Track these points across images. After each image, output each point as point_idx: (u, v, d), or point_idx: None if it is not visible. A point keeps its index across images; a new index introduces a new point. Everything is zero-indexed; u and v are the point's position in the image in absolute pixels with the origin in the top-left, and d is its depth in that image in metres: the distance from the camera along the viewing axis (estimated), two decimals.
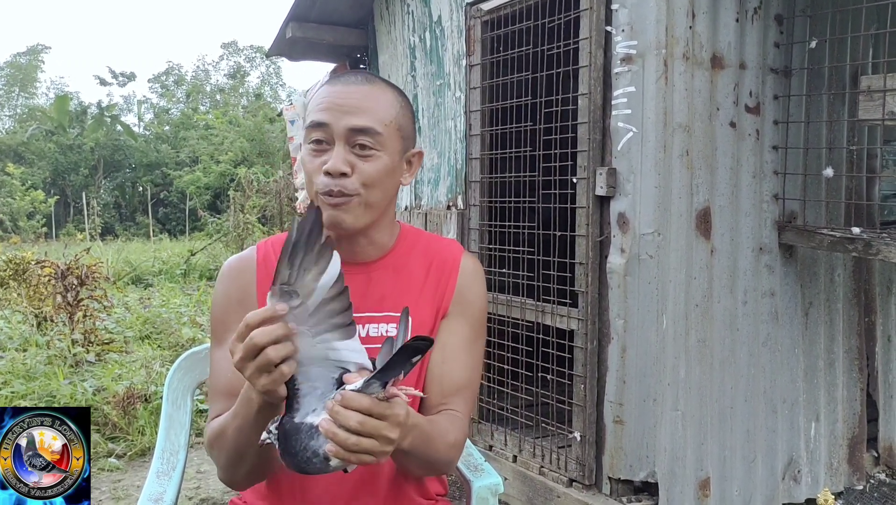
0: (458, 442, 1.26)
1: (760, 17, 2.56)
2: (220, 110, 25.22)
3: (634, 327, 2.48)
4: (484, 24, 3.12)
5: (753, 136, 2.58)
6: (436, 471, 1.29)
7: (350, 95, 1.22)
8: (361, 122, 1.21)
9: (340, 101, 1.22)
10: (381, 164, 1.23)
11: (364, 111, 1.21)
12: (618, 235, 2.50)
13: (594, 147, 2.55)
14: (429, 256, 1.35)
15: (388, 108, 1.25)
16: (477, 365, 1.36)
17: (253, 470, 1.21)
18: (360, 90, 1.23)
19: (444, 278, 1.34)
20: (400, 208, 3.89)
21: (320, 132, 1.22)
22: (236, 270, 1.35)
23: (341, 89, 1.23)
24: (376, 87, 1.26)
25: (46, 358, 4.91)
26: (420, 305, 1.31)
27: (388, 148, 1.24)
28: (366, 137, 1.21)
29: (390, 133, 1.24)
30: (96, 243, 13.22)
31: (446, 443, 1.22)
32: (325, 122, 1.21)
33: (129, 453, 3.73)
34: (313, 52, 4.53)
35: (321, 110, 1.22)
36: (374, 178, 1.22)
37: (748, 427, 2.64)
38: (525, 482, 2.88)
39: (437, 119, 3.56)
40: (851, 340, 2.97)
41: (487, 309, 1.41)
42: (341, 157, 1.20)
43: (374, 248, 1.32)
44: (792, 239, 2.64)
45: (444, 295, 1.33)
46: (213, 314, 1.35)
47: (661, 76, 2.38)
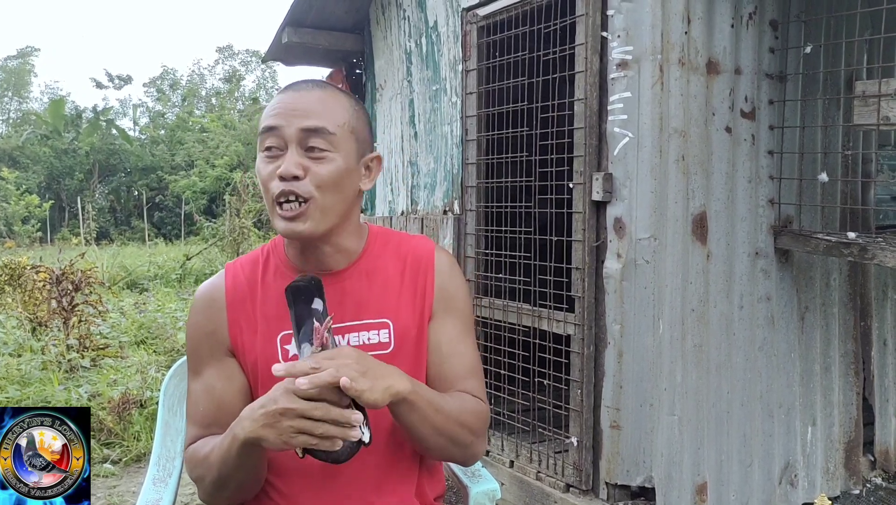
0: (477, 416, 1.27)
1: (755, 22, 2.57)
2: (215, 114, 25.21)
3: (631, 332, 2.48)
4: (480, 29, 3.12)
5: (749, 141, 2.59)
6: (458, 446, 1.25)
7: (301, 100, 1.22)
8: (313, 123, 1.20)
9: (292, 106, 1.22)
10: (335, 165, 1.21)
11: (316, 113, 1.21)
12: (614, 240, 2.50)
13: (590, 152, 2.56)
14: (401, 257, 1.35)
15: (341, 111, 1.24)
16: (475, 352, 1.36)
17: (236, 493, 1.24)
18: (311, 94, 1.23)
19: (422, 279, 1.33)
20: (396, 213, 3.89)
21: (272, 138, 1.21)
22: (206, 300, 1.34)
23: (292, 94, 1.24)
24: (328, 92, 1.26)
25: (41, 363, 4.89)
26: (401, 308, 1.31)
27: (341, 150, 1.22)
28: (318, 139, 1.20)
29: (343, 134, 1.23)
30: (91, 248, 13.17)
31: (460, 411, 1.23)
32: (276, 125, 1.20)
33: (124, 459, 3.72)
34: (309, 57, 4.53)
35: (272, 116, 1.22)
36: (328, 180, 1.20)
37: (745, 431, 2.65)
38: (522, 488, 2.88)
39: (434, 124, 3.56)
40: (847, 345, 2.97)
41: (471, 299, 1.43)
42: (293, 161, 1.19)
43: (342, 255, 1.30)
44: (788, 244, 2.64)
45: (425, 296, 1.32)
46: (187, 345, 1.36)
47: (656, 81, 2.38)
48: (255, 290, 1.31)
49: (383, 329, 1.29)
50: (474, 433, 1.26)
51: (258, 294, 1.31)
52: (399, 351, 1.29)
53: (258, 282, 1.32)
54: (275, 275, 1.32)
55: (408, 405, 1.13)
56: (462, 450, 1.26)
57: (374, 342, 1.28)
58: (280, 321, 1.27)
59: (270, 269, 1.33)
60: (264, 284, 1.31)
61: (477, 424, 1.26)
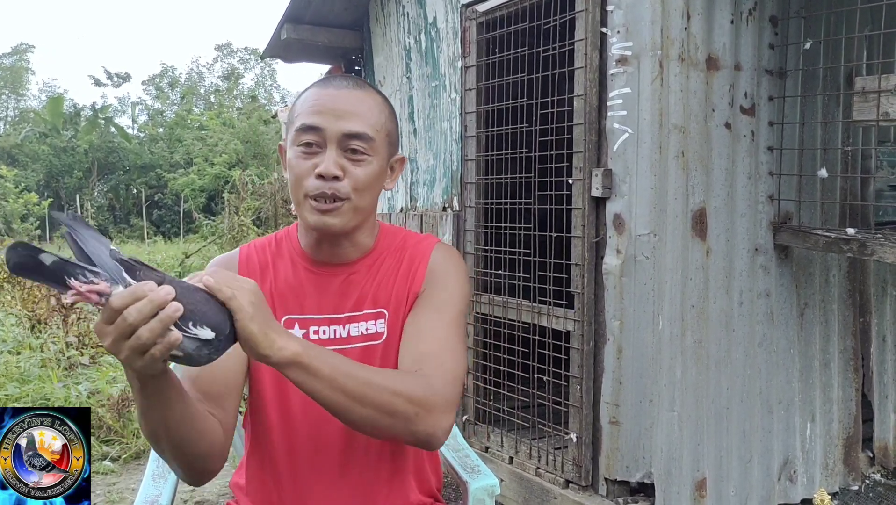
0: (419, 387, 1.13)
1: (755, 18, 2.57)
2: (214, 112, 25.20)
3: (630, 328, 2.48)
4: (479, 25, 3.12)
5: (749, 138, 2.59)
6: (394, 418, 1.10)
7: (342, 99, 1.23)
8: (355, 128, 1.22)
9: (332, 105, 1.22)
10: (371, 169, 1.24)
11: (357, 116, 1.22)
12: (613, 237, 2.50)
13: (590, 148, 2.56)
14: (404, 251, 1.36)
15: (379, 114, 1.26)
16: (453, 338, 1.26)
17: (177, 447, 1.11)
18: (351, 94, 1.24)
19: (415, 266, 1.34)
20: (395, 210, 3.89)
21: (312, 135, 1.22)
22: (221, 265, 1.35)
23: (333, 93, 1.24)
24: (366, 92, 1.27)
25: (40, 361, 4.89)
26: (393, 297, 1.32)
27: (378, 153, 1.25)
28: (359, 142, 1.22)
29: (381, 139, 1.26)
30: None
31: (393, 381, 1.12)
32: (319, 125, 1.21)
33: (123, 456, 3.72)
34: (308, 54, 4.53)
35: (313, 113, 1.22)
36: (365, 182, 1.23)
37: (744, 428, 2.65)
38: (521, 484, 2.88)
39: (433, 120, 3.56)
40: (846, 341, 2.97)
41: (466, 293, 1.35)
42: (334, 161, 1.21)
43: (355, 249, 1.32)
44: (787, 240, 2.64)
45: (415, 279, 1.33)
46: None
47: (656, 77, 2.38)
48: (266, 271, 1.33)
49: (380, 319, 1.31)
50: (416, 403, 1.11)
51: (269, 275, 1.33)
52: (391, 339, 1.30)
53: (269, 264, 1.34)
54: (286, 261, 1.34)
55: (301, 369, 1.02)
56: (404, 423, 1.11)
57: (371, 332, 1.30)
58: (286, 305, 1.30)
59: (284, 254, 1.35)
60: (275, 268, 1.34)
61: (418, 394, 1.12)
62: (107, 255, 0.94)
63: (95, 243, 0.94)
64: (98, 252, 0.93)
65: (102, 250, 0.94)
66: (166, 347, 0.91)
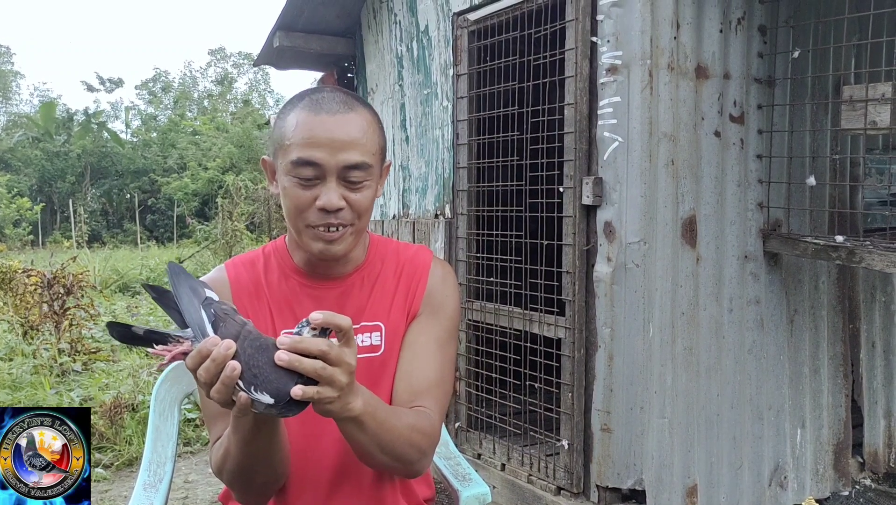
0: (427, 437, 1.23)
1: (744, 27, 2.59)
2: (207, 116, 25.16)
3: (621, 336, 2.49)
4: (471, 33, 3.14)
5: (738, 146, 2.61)
6: (403, 464, 1.21)
7: (338, 129, 1.19)
8: (354, 158, 1.20)
9: (329, 136, 1.19)
10: (370, 192, 1.25)
11: (354, 146, 1.20)
12: (604, 244, 2.51)
13: (580, 156, 2.57)
14: (399, 264, 1.37)
15: (372, 135, 1.24)
16: (448, 366, 1.34)
17: (266, 481, 1.22)
18: (345, 120, 1.20)
19: (415, 283, 1.35)
20: (388, 217, 3.90)
21: (311, 170, 1.19)
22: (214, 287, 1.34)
23: (326, 120, 1.19)
24: (357, 112, 1.23)
25: (32, 367, 4.88)
26: (392, 311, 1.33)
27: (374, 176, 1.26)
28: (358, 172, 1.21)
29: (376, 161, 1.26)
30: (83, 251, 13.13)
31: (410, 431, 1.18)
32: (317, 161, 1.18)
33: (116, 463, 3.72)
34: (301, 61, 4.53)
35: (310, 146, 1.18)
36: (366, 207, 1.25)
37: (735, 434, 2.66)
38: (513, 491, 2.88)
39: (425, 128, 3.57)
40: (836, 347, 2.99)
41: (459, 315, 1.41)
42: (336, 193, 1.20)
43: (349, 263, 1.33)
44: (776, 247, 2.66)
45: (415, 298, 1.34)
46: None
47: (646, 86, 2.40)
48: (259, 288, 1.33)
49: (375, 332, 1.32)
50: (422, 452, 1.22)
51: (264, 291, 1.33)
52: (389, 353, 1.31)
53: (262, 282, 1.34)
54: (280, 277, 1.34)
55: (356, 424, 1.09)
56: (405, 467, 1.22)
57: (367, 345, 1.31)
58: (284, 321, 1.30)
59: (274, 270, 1.35)
60: (269, 284, 1.33)
61: (426, 444, 1.22)
62: (197, 306, 1.04)
63: (190, 295, 1.05)
64: (189, 308, 1.04)
65: (194, 302, 1.05)
66: (238, 407, 0.99)
